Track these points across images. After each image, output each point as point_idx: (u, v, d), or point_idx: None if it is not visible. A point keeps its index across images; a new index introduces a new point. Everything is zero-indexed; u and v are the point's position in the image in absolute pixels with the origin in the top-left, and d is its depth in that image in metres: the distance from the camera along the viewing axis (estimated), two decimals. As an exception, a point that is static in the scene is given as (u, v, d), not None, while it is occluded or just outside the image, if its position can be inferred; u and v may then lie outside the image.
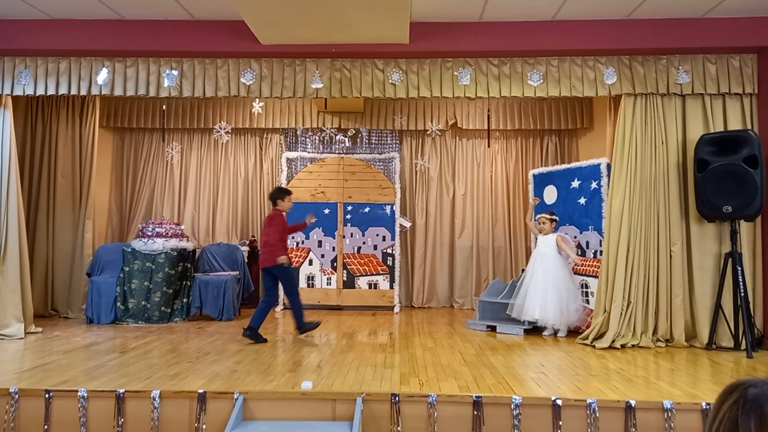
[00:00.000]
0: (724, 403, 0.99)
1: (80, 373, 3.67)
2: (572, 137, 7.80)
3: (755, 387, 0.98)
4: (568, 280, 5.32)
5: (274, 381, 3.48)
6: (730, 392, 1.00)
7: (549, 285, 5.24)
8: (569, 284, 5.32)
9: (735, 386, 1.01)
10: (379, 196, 7.34)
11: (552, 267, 5.32)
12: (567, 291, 5.25)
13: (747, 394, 0.97)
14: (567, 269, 5.40)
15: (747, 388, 0.98)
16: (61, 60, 5.27)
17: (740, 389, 0.99)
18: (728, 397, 1.00)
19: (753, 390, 0.97)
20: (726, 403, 0.99)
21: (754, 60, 5.07)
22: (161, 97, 5.36)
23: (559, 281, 5.26)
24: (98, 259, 6.27)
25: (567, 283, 5.30)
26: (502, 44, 5.07)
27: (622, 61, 5.14)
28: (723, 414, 0.98)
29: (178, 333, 5.37)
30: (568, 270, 5.42)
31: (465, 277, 7.68)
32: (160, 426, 3.17)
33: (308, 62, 5.27)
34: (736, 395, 0.99)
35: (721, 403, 1.01)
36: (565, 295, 5.22)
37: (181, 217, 7.77)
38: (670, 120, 5.13)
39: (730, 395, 1.00)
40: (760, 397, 0.95)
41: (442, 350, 4.59)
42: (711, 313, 4.88)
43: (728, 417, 0.97)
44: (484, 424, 3.12)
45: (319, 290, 7.23)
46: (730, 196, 4.67)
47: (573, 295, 5.29)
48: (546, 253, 5.41)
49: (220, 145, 7.89)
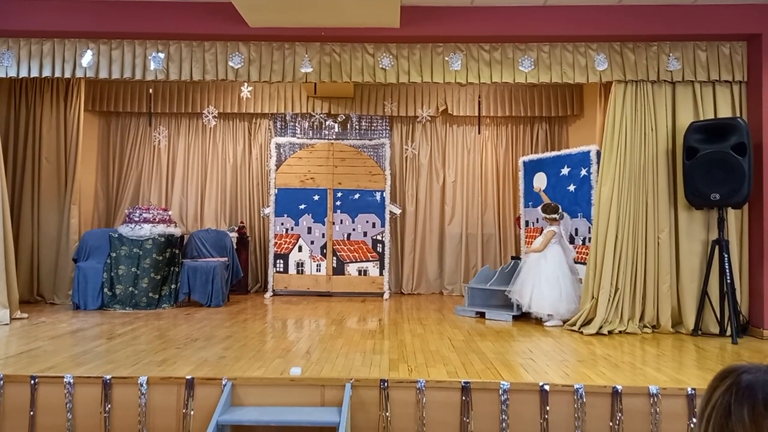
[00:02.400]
0: (717, 389, 0.97)
1: (66, 359, 3.64)
2: (562, 124, 7.79)
3: (749, 373, 0.96)
4: (566, 269, 5.30)
5: (263, 367, 3.47)
6: (723, 378, 0.98)
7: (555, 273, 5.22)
8: (567, 272, 5.30)
9: (728, 372, 0.99)
10: (369, 183, 7.31)
11: (554, 257, 5.30)
12: (564, 278, 5.23)
13: (740, 381, 0.95)
14: (566, 258, 5.37)
15: (741, 374, 0.96)
16: (44, 41, 5.16)
17: (733, 375, 0.97)
18: (721, 383, 0.97)
19: (747, 376, 0.95)
20: (719, 389, 0.97)
21: (744, 47, 5.07)
22: (148, 80, 5.28)
23: (558, 270, 5.24)
24: (84, 245, 6.20)
25: (565, 271, 5.28)
26: (493, 29, 5.03)
27: (613, 48, 5.13)
28: (716, 400, 0.96)
29: (166, 319, 5.33)
30: (569, 259, 5.42)
31: (454, 264, 7.69)
32: (148, 412, 3.15)
33: (297, 46, 5.20)
34: (729, 381, 0.96)
35: (713, 389, 0.98)
36: (562, 283, 5.20)
37: (169, 202, 7.70)
38: (660, 107, 5.14)
39: (723, 381, 0.98)
40: (753, 384, 0.93)
41: (431, 336, 4.60)
42: (697, 299, 4.93)
43: (721, 403, 0.95)
44: (473, 409, 3.13)
45: (308, 277, 7.21)
46: (718, 184, 4.69)
47: (571, 282, 5.28)
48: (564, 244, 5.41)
49: (208, 130, 7.80)
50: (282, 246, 7.24)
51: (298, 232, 7.27)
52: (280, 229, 7.26)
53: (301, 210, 7.29)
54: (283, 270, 7.21)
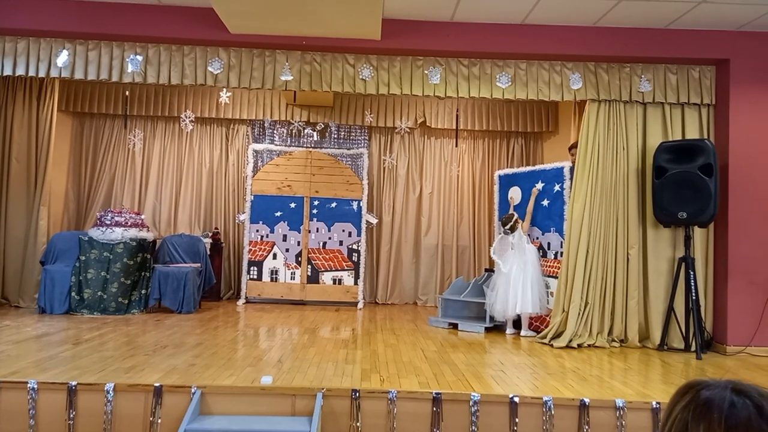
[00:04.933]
0: (677, 405, 0.97)
1: (30, 364, 3.55)
2: (537, 140, 7.93)
3: (708, 389, 0.95)
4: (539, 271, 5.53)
5: (234, 375, 3.44)
6: (684, 393, 0.98)
7: (528, 276, 5.41)
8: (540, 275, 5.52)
9: (689, 387, 0.98)
10: (347, 192, 7.32)
11: (530, 259, 5.50)
12: (538, 281, 5.45)
13: (699, 397, 0.94)
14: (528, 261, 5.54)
15: (700, 390, 0.96)
16: (19, 40, 5.06)
17: (693, 391, 0.96)
18: (681, 399, 0.97)
19: (705, 392, 0.95)
20: (678, 405, 0.96)
21: (713, 72, 5.25)
22: (125, 82, 5.22)
23: (535, 272, 5.45)
24: (53, 247, 6.06)
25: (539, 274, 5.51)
26: (472, 45, 5.12)
27: (587, 68, 5.26)
28: (675, 416, 0.95)
29: (135, 325, 5.24)
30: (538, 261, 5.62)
31: (429, 275, 7.73)
32: (114, 420, 3.09)
33: (278, 54, 5.20)
34: (688, 397, 0.96)
35: (674, 404, 0.98)
36: (537, 286, 5.41)
37: (142, 206, 7.58)
38: (631, 127, 5.27)
39: (683, 397, 0.97)
40: (711, 401, 0.93)
41: (404, 347, 4.62)
42: (664, 315, 5.05)
43: (679, 420, 0.94)
44: (443, 420, 3.15)
45: (282, 285, 7.17)
46: (685, 203, 4.83)
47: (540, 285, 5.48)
48: (524, 247, 5.56)
49: (185, 135, 7.72)
50: (256, 253, 7.18)
51: (274, 239, 7.23)
52: (255, 236, 7.21)
53: (277, 217, 7.25)
54: (256, 277, 7.15)
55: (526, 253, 5.52)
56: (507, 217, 5.73)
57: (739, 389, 0.93)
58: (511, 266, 5.47)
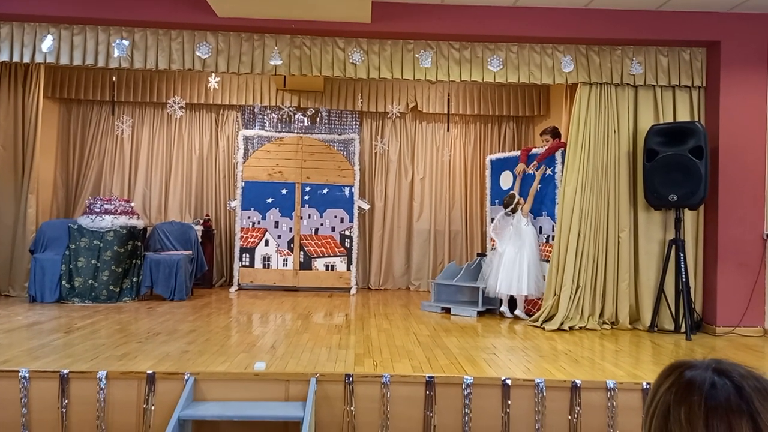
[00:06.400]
0: (661, 386, 0.95)
1: (22, 352, 3.53)
2: (529, 124, 7.92)
3: (692, 369, 0.93)
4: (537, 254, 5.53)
5: (227, 362, 3.44)
6: (668, 375, 0.96)
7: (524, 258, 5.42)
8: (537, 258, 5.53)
9: (673, 368, 0.97)
10: (338, 178, 7.29)
11: (528, 241, 5.49)
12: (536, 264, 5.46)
13: (682, 378, 0.93)
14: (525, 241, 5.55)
15: (683, 371, 0.94)
16: (2, 25, 4.96)
17: (676, 372, 0.95)
18: (665, 381, 0.95)
19: (689, 373, 0.93)
20: (662, 387, 0.95)
21: (704, 54, 5.24)
22: (111, 68, 5.14)
23: (532, 255, 5.45)
24: (42, 236, 6.01)
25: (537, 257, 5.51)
26: (463, 28, 5.07)
27: (579, 50, 5.23)
28: (658, 398, 0.94)
29: (127, 313, 5.22)
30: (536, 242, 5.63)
31: (422, 260, 7.75)
32: (107, 407, 3.09)
33: (267, 38, 5.13)
34: (672, 379, 0.94)
35: (658, 386, 0.96)
36: (534, 269, 5.42)
37: (132, 193, 7.52)
38: (622, 110, 5.27)
39: (666, 378, 0.95)
40: (692, 383, 0.91)
41: (397, 331, 4.63)
42: (654, 297, 5.09)
43: (662, 402, 0.93)
44: (436, 403, 3.17)
45: (275, 271, 7.16)
46: (676, 186, 4.85)
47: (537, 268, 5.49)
48: (521, 228, 5.55)
49: (174, 121, 7.64)
50: (248, 240, 7.16)
51: (265, 225, 7.20)
52: (247, 223, 7.18)
53: (269, 204, 7.22)
54: (249, 264, 7.14)
55: (523, 236, 5.51)
56: (509, 197, 5.66)
57: (721, 369, 0.92)
58: (506, 246, 5.49)
